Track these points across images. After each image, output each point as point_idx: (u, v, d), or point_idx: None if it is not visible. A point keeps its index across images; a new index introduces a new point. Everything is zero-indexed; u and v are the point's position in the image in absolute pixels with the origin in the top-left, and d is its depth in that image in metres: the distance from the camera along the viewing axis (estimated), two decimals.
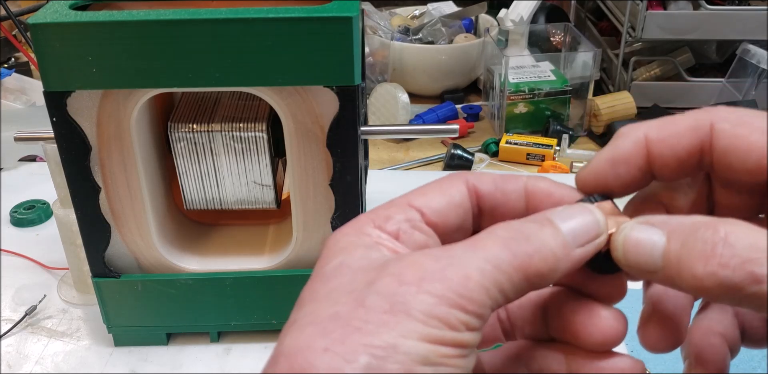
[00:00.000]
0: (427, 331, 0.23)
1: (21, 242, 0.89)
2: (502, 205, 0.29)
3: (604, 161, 0.28)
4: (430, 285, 0.24)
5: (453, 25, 1.39)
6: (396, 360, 0.22)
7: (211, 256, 0.70)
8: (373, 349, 0.23)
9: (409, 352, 0.23)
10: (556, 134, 1.18)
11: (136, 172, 0.61)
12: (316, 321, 0.24)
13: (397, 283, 0.24)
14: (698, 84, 1.30)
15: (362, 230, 0.27)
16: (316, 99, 0.58)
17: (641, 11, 1.21)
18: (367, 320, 0.23)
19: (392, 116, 1.22)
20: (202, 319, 0.71)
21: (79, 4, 0.59)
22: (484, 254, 0.25)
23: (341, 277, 0.25)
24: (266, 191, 0.67)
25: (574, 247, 0.26)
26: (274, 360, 0.24)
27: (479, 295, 0.24)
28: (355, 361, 0.22)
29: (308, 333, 0.24)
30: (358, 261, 0.26)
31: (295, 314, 0.25)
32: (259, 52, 0.55)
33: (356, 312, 0.24)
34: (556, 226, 0.26)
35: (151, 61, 0.55)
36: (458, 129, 0.66)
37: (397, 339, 0.23)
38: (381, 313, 0.23)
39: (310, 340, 0.23)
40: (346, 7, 0.56)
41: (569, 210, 0.27)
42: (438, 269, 0.24)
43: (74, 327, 0.75)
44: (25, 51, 1.22)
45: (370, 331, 0.23)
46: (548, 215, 0.27)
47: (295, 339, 0.24)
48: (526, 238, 0.25)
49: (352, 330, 0.23)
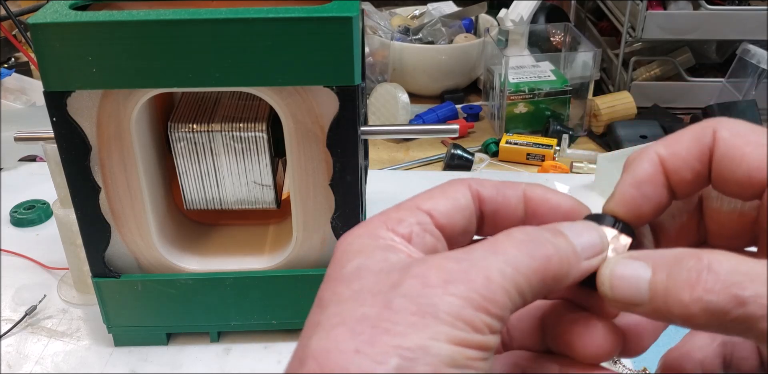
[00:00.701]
0: (455, 333, 0.23)
1: (21, 242, 0.89)
2: (504, 209, 0.29)
3: (628, 186, 0.29)
4: (455, 287, 0.24)
5: (453, 25, 1.39)
6: (426, 362, 0.23)
7: (211, 256, 0.70)
8: (403, 351, 0.23)
9: (438, 354, 0.23)
10: (556, 134, 1.18)
11: (136, 172, 0.61)
12: (344, 322, 0.24)
13: (422, 285, 0.24)
14: (698, 84, 1.30)
15: (376, 233, 0.27)
16: (316, 99, 0.58)
17: (641, 11, 1.21)
18: (396, 321, 0.23)
19: (392, 116, 1.22)
20: (202, 319, 0.71)
21: (79, 4, 0.59)
22: (504, 256, 0.25)
23: (363, 279, 0.25)
24: (266, 191, 0.67)
25: (583, 259, 0.27)
26: (301, 362, 0.24)
27: (501, 297, 0.24)
28: (385, 363, 0.23)
29: (337, 335, 0.24)
30: (378, 264, 0.26)
31: (318, 315, 0.25)
32: (259, 52, 0.55)
33: (384, 314, 0.24)
34: (568, 237, 0.27)
35: (151, 61, 0.55)
36: (458, 129, 0.66)
37: (426, 340, 0.23)
38: (408, 315, 0.24)
39: (340, 342, 0.23)
40: (346, 7, 0.56)
41: (576, 226, 0.28)
42: (461, 270, 0.24)
43: (74, 327, 0.75)
44: (25, 51, 1.22)
45: (399, 333, 0.23)
46: (558, 228, 0.27)
47: (323, 339, 0.24)
48: (542, 242, 0.26)
49: (381, 331, 0.23)
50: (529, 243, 0.26)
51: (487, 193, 0.29)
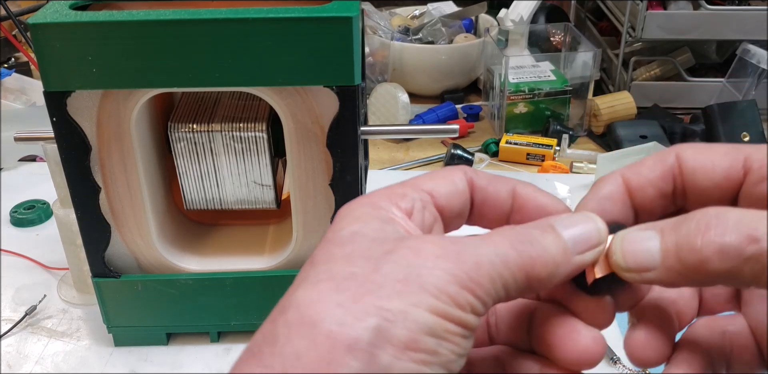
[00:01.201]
0: (437, 304, 0.24)
1: (21, 242, 0.89)
2: (492, 200, 0.30)
3: (588, 201, 0.30)
4: (445, 263, 0.25)
5: (453, 25, 1.39)
6: (404, 326, 0.23)
7: (211, 256, 0.70)
8: (384, 312, 0.23)
9: (417, 320, 0.23)
10: (556, 134, 1.18)
11: (136, 172, 0.61)
12: (332, 278, 0.25)
13: (414, 256, 0.25)
14: (698, 84, 1.30)
15: (378, 204, 0.28)
16: (316, 99, 0.58)
17: (641, 11, 1.21)
18: (382, 284, 0.24)
19: (392, 116, 1.22)
20: (202, 319, 0.71)
21: (79, 4, 0.59)
22: (494, 248, 0.26)
23: (357, 244, 0.26)
24: (266, 191, 0.67)
25: (575, 254, 0.27)
26: (282, 311, 0.25)
27: (487, 283, 0.25)
28: (364, 320, 0.23)
29: (322, 288, 0.24)
30: (375, 232, 0.26)
31: (307, 272, 0.26)
32: (259, 52, 0.55)
33: (371, 276, 0.24)
34: (558, 233, 0.27)
35: (151, 61, 0.55)
36: (458, 129, 0.66)
37: (408, 306, 0.23)
38: (395, 281, 0.24)
39: (324, 294, 0.24)
40: (346, 7, 0.56)
41: (572, 218, 0.28)
42: (454, 250, 0.25)
43: (74, 327, 0.75)
44: (25, 51, 1.22)
45: (383, 295, 0.24)
46: (551, 222, 0.28)
47: (308, 291, 0.25)
48: (529, 242, 0.26)
49: (365, 291, 0.24)
50: (516, 241, 0.26)
51: (480, 182, 0.30)
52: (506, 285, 0.25)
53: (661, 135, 1.14)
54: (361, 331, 0.23)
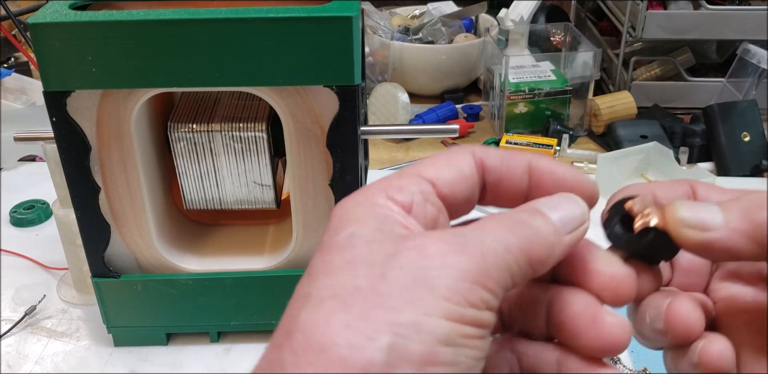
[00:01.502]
0: (450, 308, 0.23)
1: (21, 242, 0.89)
2: (507, 180, 0.29)
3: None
4: (453, 257, 0.24)
5: (453, 25, 1.39)
6: (420, 340, 0.22)
7: (211, 256, 0.70)
8: (396, 327, 0.22)
9: (432, 332, 0.22)
10: (556, 134, 1.18)
11: (136, 172, 0.61)
12: (336, 294, 0.23)
13: (420, 256, 0.24)
14: (698, 84, 1.30)
15: (374, 201, 0.26)
16: (316, 99, 0.58)
17: (641, 11, 1.21)
18: (390, 295, 0.23)
19: (392, 116, 1.22)
20: (202, 319, 0.70)
21: (78, 4, 0.59)
22: (493, 235, 0.25)
23: (356, 248, 0.25)
24: (266, 191, 0.67)
25: (564, 234, 0.27)
26: (288, 335, 0.23)
27: (495, 272, 0.24)
28: (377, 340, 0.22)
29: (327, 308, 0.23)
30: (371, 233, 0.25)
31: (307, 287, 0.24)
32: (259, 52, 0.55)
33: (378, 287, 0.23)
34: (545, 215, 0.27)
35: (151, 61, 0.55)
36: (458, 129, 0.66)
37: (420, 316, 0.22)
38: (403, 288, 0.23)
39: (330, 315, 0.22)
40: (346, 7, 0.56)
41: (554, 200, 0.28)
42: (458, 243, 0.24)
43: (74, 327, 0.75)
44: (25, 51, 1.22)
45: (393, 307, 0.22)
46: (535, 206, 0.27)
47: (313, 313, 0.23)
48: (523, 224, 0.26)
49: (373, 305, 0.22)
50: (511, 226, 0.26)
51: (492, 162, 0.29)
52: (512, 272, 0.25)
53: (661, 135, 1.14)
54: (374, 352, 0.21)
